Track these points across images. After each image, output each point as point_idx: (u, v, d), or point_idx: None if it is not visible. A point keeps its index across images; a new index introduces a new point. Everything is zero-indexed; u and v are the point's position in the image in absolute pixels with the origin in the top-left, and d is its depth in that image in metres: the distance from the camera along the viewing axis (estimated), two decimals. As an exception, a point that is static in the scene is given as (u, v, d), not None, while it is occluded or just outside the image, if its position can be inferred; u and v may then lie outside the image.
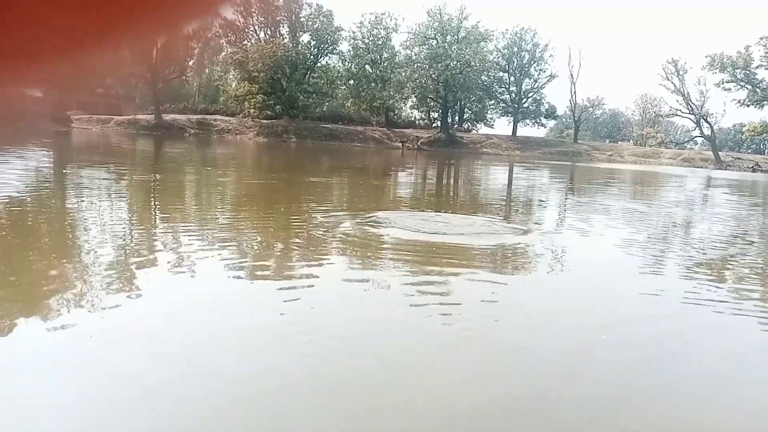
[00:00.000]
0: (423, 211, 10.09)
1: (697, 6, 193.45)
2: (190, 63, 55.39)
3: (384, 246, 6.67)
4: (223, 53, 57.23)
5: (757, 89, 58.03)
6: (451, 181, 21.29)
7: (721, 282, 6.11)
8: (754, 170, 54.17)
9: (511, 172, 29.16)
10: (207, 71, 62.93)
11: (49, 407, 2.56)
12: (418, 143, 53.84)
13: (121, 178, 13.18)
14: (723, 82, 59.32)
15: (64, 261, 5.20)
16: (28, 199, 8.73)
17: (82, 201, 8.85)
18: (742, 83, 58.80)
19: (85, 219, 7.30)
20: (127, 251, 5.58)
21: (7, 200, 8.26)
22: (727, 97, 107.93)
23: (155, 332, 3.55)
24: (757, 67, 57.48)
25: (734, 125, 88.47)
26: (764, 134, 65.22)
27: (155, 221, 7.62)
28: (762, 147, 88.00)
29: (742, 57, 57.52)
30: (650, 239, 8.81)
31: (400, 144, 52.95)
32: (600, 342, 3.96)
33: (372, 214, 8.60)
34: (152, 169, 16.79)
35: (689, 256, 7.42)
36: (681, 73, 61.86)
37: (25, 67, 0.28)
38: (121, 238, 6.20)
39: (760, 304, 5.30)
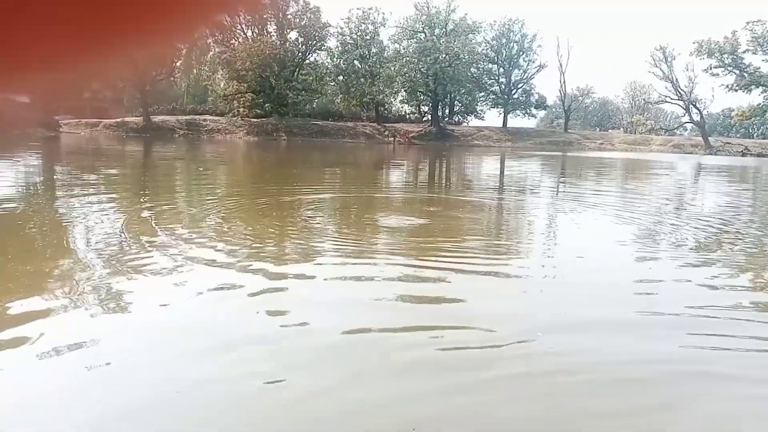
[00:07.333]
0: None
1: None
2: (178, 64, 54.98)
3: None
4: (211, 53, 56.92)
5: (745, 74, 58.41)
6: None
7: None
8: (743, 154, 54.56)
9: (502, 163, 29.15)
10: (195, 71, 62.49)
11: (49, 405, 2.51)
12: (409, 137, 53.74)
13: (113, 178, 13.07)
14: (711, 68, 59.71)
15: (55, 261, 5.13)
16: (21, 202, 8.64)
17: (74, 203, 8.75)
18: (729, 68, 59.16)
19: (77, 221, 7.21)
20: (120, 255, 5.51)
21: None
22: (716, 83, 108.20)
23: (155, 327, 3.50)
24: (744, 52, 57.94)
25: (723, 110, 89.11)
26: (753, 118, 65.76)
27: (152, 224, 7.52)
28: (751, 131, 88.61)
29: (729, 42, 57.87)
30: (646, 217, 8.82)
31: (392, 138, 52.88)
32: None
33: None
34: (143, 170, 16.67)
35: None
36: (669, 59, 62.25)
37: (15, 73, 0.28)
38: (114, 240, 6.13)
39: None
